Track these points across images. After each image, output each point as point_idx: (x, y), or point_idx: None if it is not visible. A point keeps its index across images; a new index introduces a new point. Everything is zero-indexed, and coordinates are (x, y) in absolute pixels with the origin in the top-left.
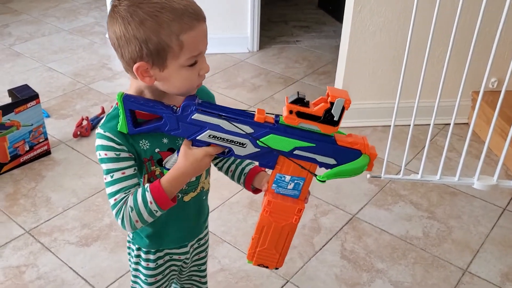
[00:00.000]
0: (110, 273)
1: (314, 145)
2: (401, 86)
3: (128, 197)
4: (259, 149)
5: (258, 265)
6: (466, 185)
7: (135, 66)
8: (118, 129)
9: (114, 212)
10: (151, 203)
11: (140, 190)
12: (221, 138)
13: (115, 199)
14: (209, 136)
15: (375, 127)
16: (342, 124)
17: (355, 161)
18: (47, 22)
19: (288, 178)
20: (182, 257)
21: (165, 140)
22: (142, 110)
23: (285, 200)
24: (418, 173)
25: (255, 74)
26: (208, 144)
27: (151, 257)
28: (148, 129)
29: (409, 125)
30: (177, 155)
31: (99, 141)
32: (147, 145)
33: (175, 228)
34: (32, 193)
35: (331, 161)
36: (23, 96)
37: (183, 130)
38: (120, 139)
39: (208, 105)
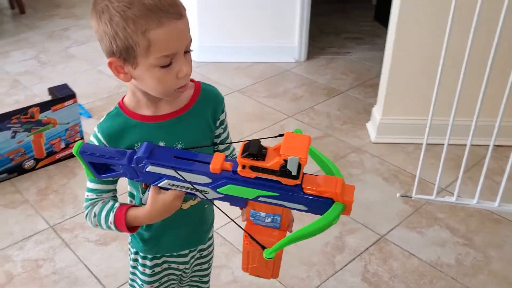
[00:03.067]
0: (123, 274)
1: (278, 194)
2: (434, 102)
3: (98, 202)
4: (222, 195)
5: (255, 275)
6: (511, 212)
7: (107, 61)
8: (86, 175)
9: (84, 205)
10: (111, 223)
11: (108, 206)
12: (181, 186)
13: (87, 195)
14: (169, 184)
15: (418, 145)
16: (384, 140)
17: (316, 220)
18: None
19: (263, 214)
20: (181, 266)
21: (161, 143)
22: (99, 162)
23: (263, 231)
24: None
25: (298, 84)
26: None
27: (148, 263)
28: (114, 175)
29: (456, 144)
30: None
31: (91, 138)
32: None
33: (171, 235)
34: (62, 189)
35: (301, 207)
36: (62, 95)
37: (143, 178)
38: (110, 143)
39: (161, 155)
